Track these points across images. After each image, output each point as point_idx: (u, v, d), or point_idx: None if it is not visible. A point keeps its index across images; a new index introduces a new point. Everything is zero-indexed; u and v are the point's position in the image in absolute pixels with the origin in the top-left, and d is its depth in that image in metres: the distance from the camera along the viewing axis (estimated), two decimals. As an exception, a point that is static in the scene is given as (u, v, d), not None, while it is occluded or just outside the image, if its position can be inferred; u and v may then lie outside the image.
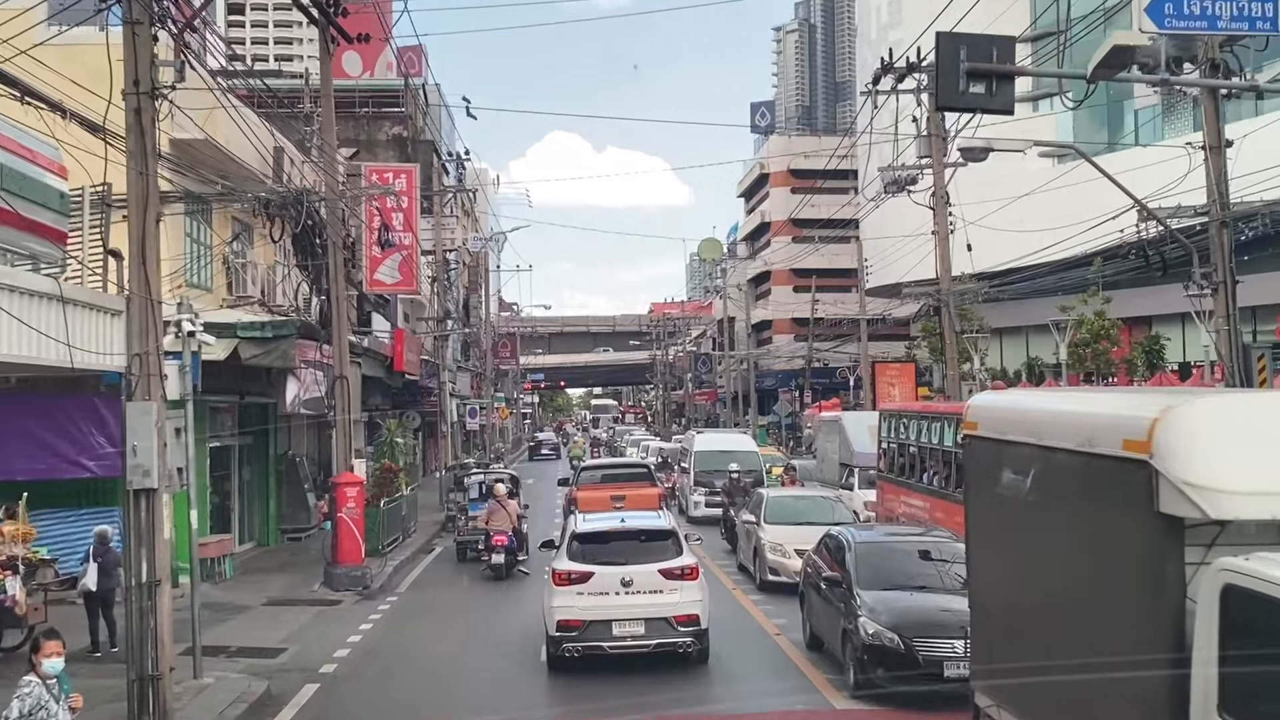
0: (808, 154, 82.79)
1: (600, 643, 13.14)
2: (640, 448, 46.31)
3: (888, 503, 21.29)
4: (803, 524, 18.05)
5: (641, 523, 14.92)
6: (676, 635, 13.14)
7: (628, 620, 13.16)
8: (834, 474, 26.62)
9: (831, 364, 77.19)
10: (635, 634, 13.14)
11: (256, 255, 23.57)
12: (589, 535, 14.30)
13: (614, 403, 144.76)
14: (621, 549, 13.83)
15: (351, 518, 19.81)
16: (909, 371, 37.32)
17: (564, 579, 13.54)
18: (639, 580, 13.27)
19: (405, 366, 30.72)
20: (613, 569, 13.39)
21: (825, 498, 20.53)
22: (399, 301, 40.09)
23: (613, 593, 13.26)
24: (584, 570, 13.49)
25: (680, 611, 13.19)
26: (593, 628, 13.15)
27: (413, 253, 30.67)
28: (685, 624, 13.15)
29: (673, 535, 14.16)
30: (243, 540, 24.62)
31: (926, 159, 27.55)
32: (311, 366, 20.85)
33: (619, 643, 13.15)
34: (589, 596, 13.31)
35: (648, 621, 13.11)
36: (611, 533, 14.30)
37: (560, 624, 13.31)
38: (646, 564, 13.45)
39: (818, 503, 19.95)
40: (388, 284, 30.54)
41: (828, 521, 17.69)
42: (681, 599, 13.29)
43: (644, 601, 13.21)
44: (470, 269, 67.45)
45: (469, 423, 51.63)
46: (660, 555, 13.64)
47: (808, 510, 19.25)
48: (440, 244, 36.79)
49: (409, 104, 49.11)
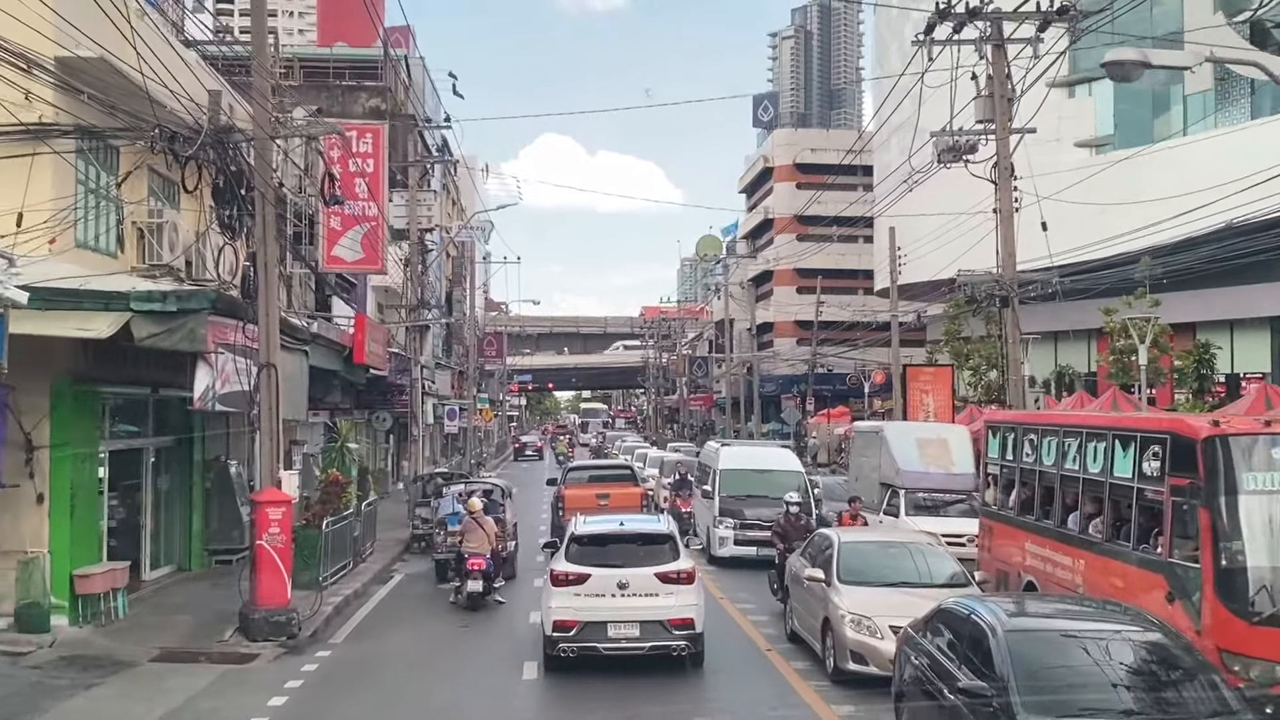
0: (815, 148, 78.66)
1: (595, 644, 13.29)
2: (636, 457, 41.47)
3: (1000, 550, 15.96)
4: (895, 585, 13.13)
5: (640, 526, 15.06)
6: (671, 638, 13.32)
7: (623, 622, 13.30)
8: (872, 495, 22.23)
9: (836, 369, 73.02)
10: (630, 636, 13.29)
11: (186, 219, 19.10)
12: (587, 538, 14.32)
13: (604, 406, 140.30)
14: (619, 552, 13.94)
15: (275, 546, 15.39)
16: (945, 377, 32.90)
17: (561, 580, 13.64)
18: (635, 583, 13.41)
19: (367, 359, 26.27)
20: (610, 571, 13.53)
21: (919, 546, 14.44)
22: (369, 288, 35.65)
23: (609, 595, 13.42)
24: (581, 572, 13.61)
25: (675, 615, 13.33)
26: (588, 629, 13.28)
27: (378, 226, 26.23)
28: (680, 627, 13.32)
29: (670, 539, 14.26)
30: (156, 564, 20.17)
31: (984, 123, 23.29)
32: (233, 352, 16.40)
33: (613, 644, 13.28)
34: (585, 598, 13.43)
35: (643, 624, 13.28)
36: (610, 535, 14.44)
37: (556, 624, 13.41)
38: (643, 567, 13.59)
39: (910, 553, 14.01)
40: (348, 261, 26.11)
41: (929, 582, 13.22)
42: (677, 602, 13.40)
43: (639, 604, 13.35)
44: (455, 260, 63.01)
45: (448, 425, 47.19)
46: (657, 559, 13.77)
47: (899, 564, 13.71)
48: (415, 222, 32.39)
49: (388, 74, 44.72)
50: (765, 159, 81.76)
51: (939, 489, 20.81)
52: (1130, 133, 45.49)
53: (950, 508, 20.29)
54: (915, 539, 14.92)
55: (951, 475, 20.80)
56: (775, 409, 64.06)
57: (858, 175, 70.57)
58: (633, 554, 13.87)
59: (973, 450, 21.18)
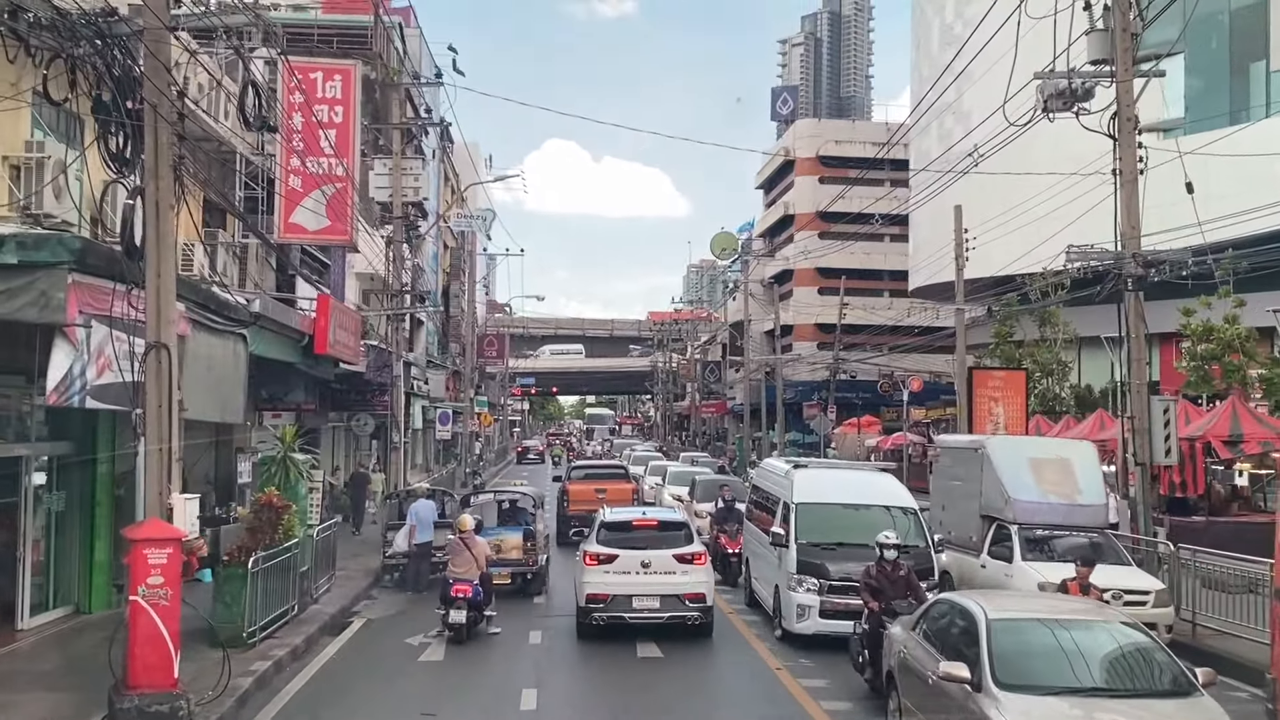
0: (839, 140, 73.89)
1: (622, 614, 15.47)
2: (652, 470, 36.60)
3: None
4: (1081, 694, 8.40)
5: (660, 515, 17.71)
6: (685, 610, 15.46)
7: (645, 595, 15.46)
8: (968, 529, 17.41)
9: (859, 376, 68.23)
10: (652, 607, 15.43)
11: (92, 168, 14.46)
12: (615, 524, 16.66)
13: (610, 412, 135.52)
14: (642, 537, 16.16)
15: (156, 604, 10.75)
16: (1017, 383, 27.99)
17: (594, 560, 15.88)
18: (656, 563, 15.56)
19: (331, 349, 21.65)
20: (634, 553, 15.72)
21: (1104, 623, 9.55)
22: (348, 272, 31.05)
23: (634, 572, 15.55)
24: (610, 553, 15.83)
25: (690, 590, 15.53)
26: (616, 601, 15.49)
27: (346, 188, 21.62)
28: (694, 601, 15.49)
29: (685, 527, 16.73)
30: (42, 608, 15.62)
31: (1098, 63, 18.68)
32: (111, 325, 11.79)
33: (638, 614, 15.44)
34: (614, 575, 15.59)
35: (662, 598, 15.44)
36: (634, 523, 16.72)
37: (589, 597, 15.65)
38: (663, 550, 15.78)
39: (1094, 633, 9.26)
40: (310, 230, 21.51)
41: (1132, 688, 8.65)
42: (691, 580, 15.62)
43: (660, 581, 15.51)
44: (453, 251, 58.43)
45: (439, 430, 42.54)
46: (675, 543, 16.01)
47: (1080, 654, 8.86)
48: (399, 193, 27.79)
49: (378, 39, 40.14)
50: (786, 151, 76.84)
51: (1062, 524, 15.97)
52: (1205, 114, 40.63)
53: (1071, 548, 15.31)
54: (1097, 612, 10.06)
55: (1077, 506, 15.95)
56: (796, 417, 59.25)
57: (885, 170, 65.93)
58: (654, 538, 16.02)
59: (1101, 473, 16.50)
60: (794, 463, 18.49)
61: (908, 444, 42.99)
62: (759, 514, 18.54)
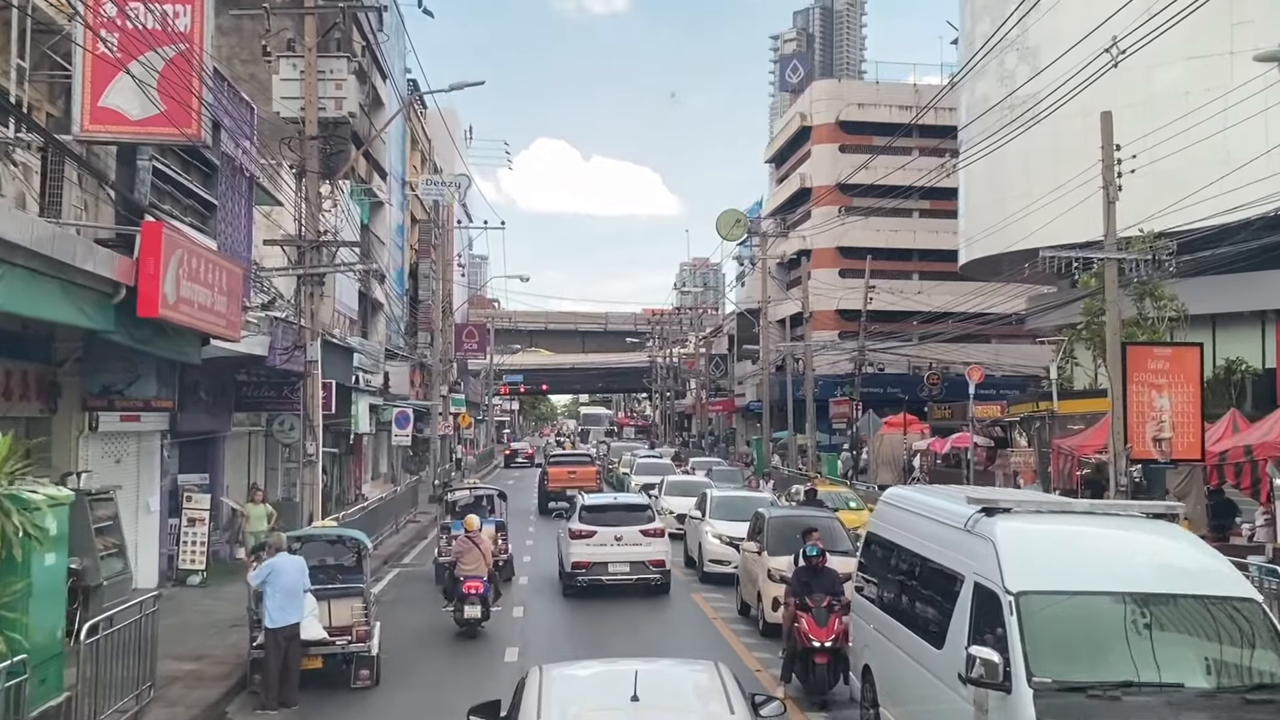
0: (862, 103, 65.66)
1: (599, 577, 19.55)
2: (671, 488, 29.53)
3: None
4: None
5: (629, 499, 23.72)
6: (649, 573, 19.80)
7: (618, 563, 19.65)
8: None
9: (888, 369, 60.14)
10: (623, 572, 19.63)
11: None
12: (593, 507, 21.14)
13: (607, 411, 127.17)
14: (615, 515, 20.45)
15: None
16: (1189, 362, 19.50)
17: (577, 535, 19.94)
18: (626, 537, 19.85)
19: (174, 313, 13.46)
20: (608, 529, 19.87)
21: None
22: (253, 215, 22.77)
23: (609, 544, 19.75)
24: (589, 529, 19.91)
25: (653, 558, 19.92)
26: (595, 567, 19.64)
27: (191, 55, 13.45)
28: (656, 566, 19.92)
29: (648, 508, 21.61)
30: None
31: None
32: None
33: (613, 577, 19.55)
34: (593, 546, 19.76)
35: (631, 564, 19.70)
36: (608, 505, 21.62)
37: (574, 564, 19.70)
38: (631, 526, 20.05)
39: None
40: (132, 120, 13.34)
41: None
42: (654, 549, 20.00)
43: (629, 550, 19.76)
44: (422, 225, 50.24)
45: (395, 434, 34.30)
46: (640, 521, 20.38)
47: None
48: (314, 103, 19.64)
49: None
50: (802, 116, 68.32)
51: None
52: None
53: None
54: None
55: None
56: (821, 414, 51.03)
57: (913, 137, 57.93)
58: (623, 517, 20.40)
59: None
60: (980, 502, 9.32)
61: (971, 448, 34.85)
62: (891, 592, 10.17)
